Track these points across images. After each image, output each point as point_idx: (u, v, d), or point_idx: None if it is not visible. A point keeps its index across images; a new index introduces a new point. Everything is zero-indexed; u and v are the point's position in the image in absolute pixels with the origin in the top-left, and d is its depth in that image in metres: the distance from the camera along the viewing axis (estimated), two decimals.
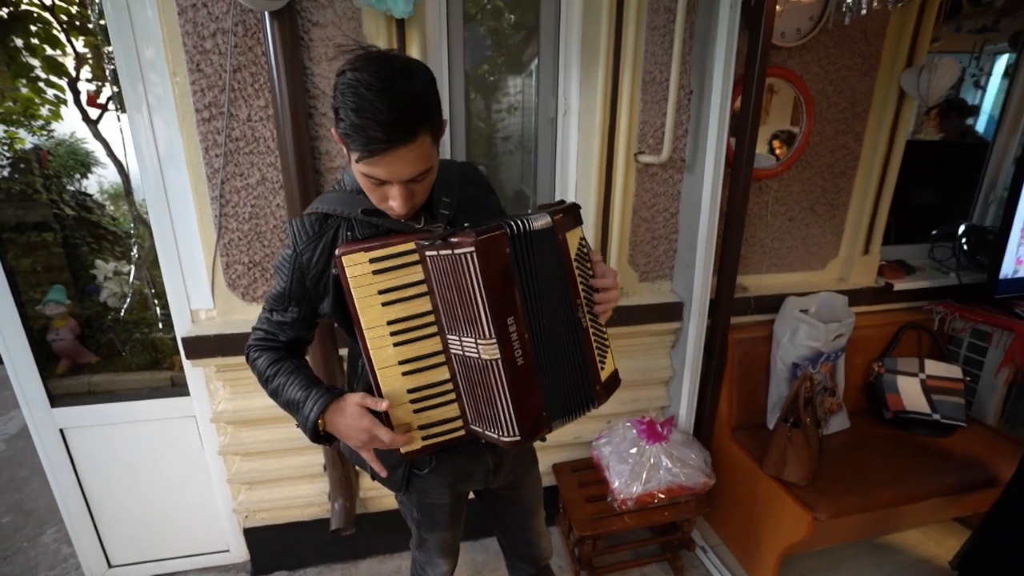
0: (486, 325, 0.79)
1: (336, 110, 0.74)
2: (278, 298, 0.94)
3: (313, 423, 0.87)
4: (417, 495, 1.07)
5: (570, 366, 0.89)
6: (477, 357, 0.82)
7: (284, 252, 0.91)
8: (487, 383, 0.83)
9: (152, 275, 2.26)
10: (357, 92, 0.70)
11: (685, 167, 1.73)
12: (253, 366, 0.97)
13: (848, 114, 1.83)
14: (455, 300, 0.81)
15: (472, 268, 0.77)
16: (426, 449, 0.90)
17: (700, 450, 1.79)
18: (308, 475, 1.73)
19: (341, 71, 0.73)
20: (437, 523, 1.12)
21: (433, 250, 0.81)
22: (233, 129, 1.40)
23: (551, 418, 0.87)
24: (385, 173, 0.77)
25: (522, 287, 0.81)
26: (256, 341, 0.98)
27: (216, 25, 1.32)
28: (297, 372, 0.93)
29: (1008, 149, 2.23)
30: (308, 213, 0.90)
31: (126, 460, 1.74)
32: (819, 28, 1.65)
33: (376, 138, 0.71)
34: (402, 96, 0.71)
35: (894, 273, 2.04)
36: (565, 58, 1.65)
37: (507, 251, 0.78)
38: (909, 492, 1.61)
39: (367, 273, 0.81)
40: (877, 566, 1.84)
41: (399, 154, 0.74)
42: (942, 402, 1.87)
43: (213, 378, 1.62)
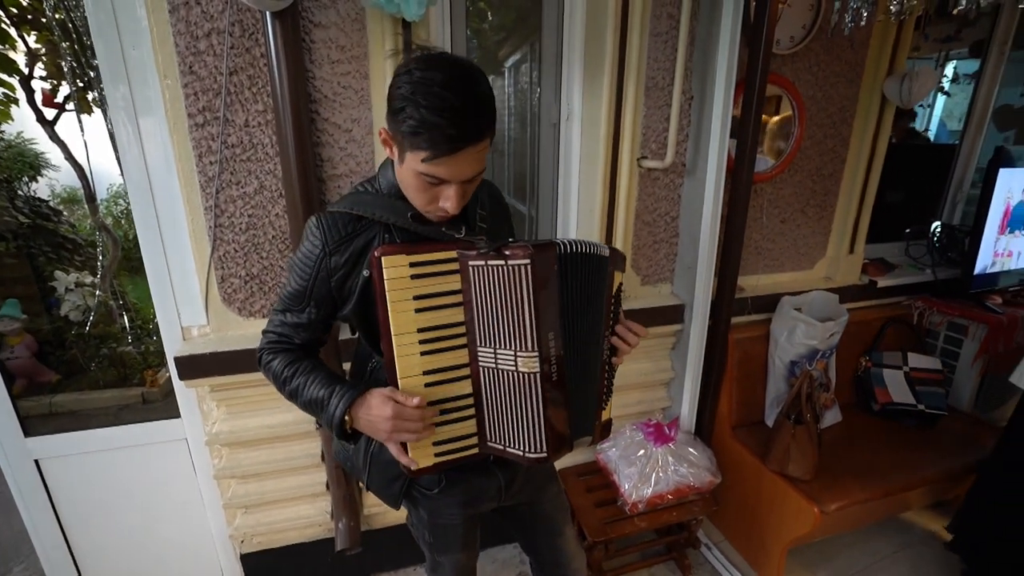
0: (531, 338, 0.80)
1: (401, 108, 0.72)
2: (295, 297, 0.89)
3: (340, 419, 0.84)
4: (428, 516, 1.03)
5: (587, 393, 0.92)
6: (513, 370, 0.82)
7: (306, 249, 0.86)
8: (519, 397, 0.83)
9: (119, 286, 2.14)
10: (431, 90, 0.69)
11: (686, 171, 1.74)
12: (267, 370, 0.93)
13: (836, 119, 1.89)
14: (497, 312, 0.82)
15: (525, 281, 0.78)
16: (437, 467, 0.87)
17: (704, 449, 1.81)
18: (309, 495, 1.66)
19: (407, 69, 0.72)
20: (450, 545, 1.08)
21: (480, 260, 0.81)
22: (229, 135, 1.32)
23: (574, 436, 0.89)
24: (448, 172, 0.76)
25: (563, 307, 0.83)
26: (269, 344, 0.94)
27: (211, 25, 1.24)
28: (316, 371, 0.90)
29: (973, 151, 2.37)
30: (341, 212, 0.86)
31: (110, 490, 1.62)
32: (811, 36, 1.70)
33: (450, 136, 0.71)
34: (474, 97, 0.72)
35: (876, 271, 2.14)
36: (568, 64, 1.64)
37: (555, 268, 0.81)
38: (905, 480, 1.68)
39: (405, 277, 0.80)
40: (873, 551, 1.92)
41: (467, 153, 0.74)
42: (925, 393, 1.97)
43: (207, 398, 1.53)
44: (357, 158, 1.43)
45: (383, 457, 0.96)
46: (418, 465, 0.85)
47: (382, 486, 0.99)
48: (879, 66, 1.86)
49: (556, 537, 1.19)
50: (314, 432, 1.59)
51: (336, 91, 1.36)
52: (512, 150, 2.15)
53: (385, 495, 1.00)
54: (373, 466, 0.98)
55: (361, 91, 1.37)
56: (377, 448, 0.96)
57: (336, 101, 1.36)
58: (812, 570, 1.84)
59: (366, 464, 0.98)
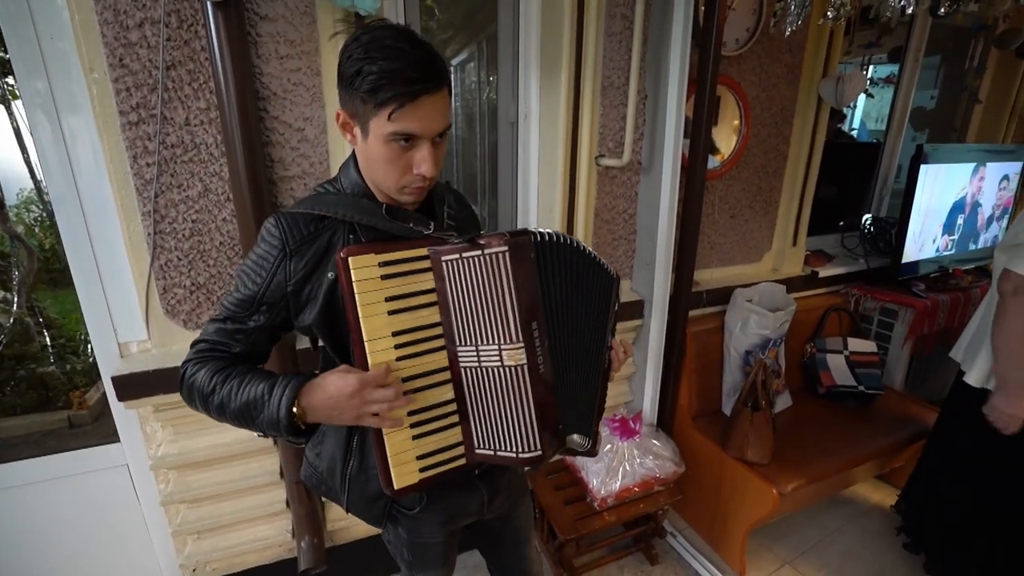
0: (514, 328, 0.77)
1: (357, 71, 0.71)
2: (243, 303, 0.81)
3: (288, 406, 0.74)
4: (408, 535, 0.99)
5: (581, 392, 0.90)
6: (498, 366, 0.79)
7: (262, 251, 0.80)
8: (507, 394, 0.80)
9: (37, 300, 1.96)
10: (384, 44, 0.70)
11: (642, 169, 1.78)
12: (189, 385, 0.79)
13: (778, 118, 1.99)
14: (476, 306, 0.79)
15: (504, 269, 0.75)
16: (422, 483, 0.82)
17: (667, 441, 1.86)
18: (268, 514, 1.57)
19: (354, 37, 0.73)
20: (430, 563, 1.04)
21: (454, 253, 0.78)
22: (168, 134, 1.22)
23: (568, 430, 0.86)
24: (417, 124, 0.74)
25: (544, 295, 0.81)
26: (198, 355, 0.81)
27: (143, 14, 1.14)
28: (252, 372, 0.79)
29: (895, 149, 2.56)
30: (301, 212, 0.80)
31: (42, 527, 1.47)
32: (754, 39, 1.78)
33: (413, 78, 0.71)
34: (427, 47, 0.74)
35: (817, 261, 2.27)
36: (524, 63, 1.63)
37: (532, 256, 0.79)
38: (851, 457, 1.80)
39: (375, 278, 0.75)
40: (822, 526, 2.03)
41: (433, 100, 0.74)
42: (864, 374, 2.10)
43: (150, 419, 1.41)
44: (311, 158, 1.36)
45: (362, 476, 0.90)
46: (403, 484, 0.80)
47: (363, 507, 0.94)
48: (815, 69, 1.97)
49: (523, 547, 1.19)
50: (271, 448, 1.50)
51: (286, 88, 1.29)
52: (461, 150, 2.13)
53: (367, 515, 0.95)
54: (352, 486, 0.91)
55: (313, 88, 1.31)
56: (356, 467, 0.90)
57: (286, 98, 1.29)
58: (769, 548, 1.93)
59: (344, 486, 0.92)
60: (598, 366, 0.93)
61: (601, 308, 0.92)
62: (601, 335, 0.93)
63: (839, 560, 1.88)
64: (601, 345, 0.93)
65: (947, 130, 2.79)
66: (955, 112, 2.73)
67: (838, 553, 1.91)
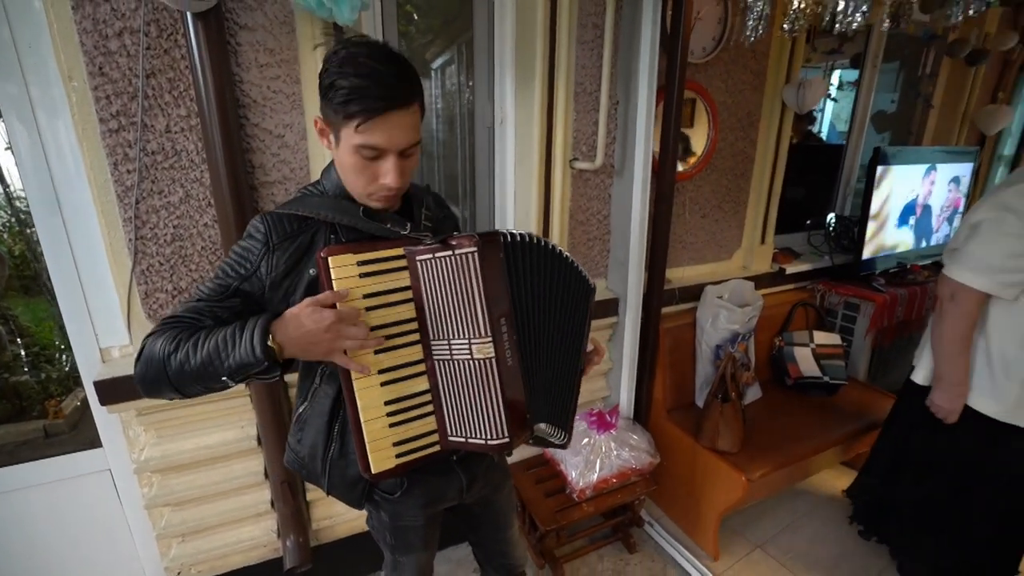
0: (482, 323, 0.82)
1: (331, 84, 0.76)
2: (220, 289, 0.83)
3: (262, 339, 0.73)
4: (390, 519, 1.04)
5: (562, 383, 0.97)
6: (468, 358, 0.85)
7: (247, 244, 0.84)
8: (476, 385, 0.85)
9: (8, 308, 1.94)
10: (357, 61, 0.76)
11: (615, 172, 1.85)
12: (149, 354, 0.77)
13: (744, 122, 2.08)
14: (448, 303, 0.84)
15: (473, 268, 0.81)
16: (399, 468, 0.87)
17: (643, 433, 1.93)
18: (253, 515, 1.59)
19: (334, 51, 0.78)
20: (412, 546, 1.10)
21: (427, 254, 0.83)
22: (148, 141, 1.24)
23: (535, 419, 0.91)
24: (383, 138, 0.78)
25: (513, 292, 0.86)
26: (162, 326, 0.79)
27: (122, 24, 1.16)
28: (216, 327, 0.78)
29: (857, 150, 2.68)
30: (286, 212, 0.86)
31: (23, 534, 1.47)
32: (720, 47, 1.86)
33: (379, 95, 0.76)
34: (399, 65, 0.78)
35: (785, 259, 2.37)
36: (500, 70, 1.68)
37: (502, 256, 0.85)
38: (815, 444, 1.89)
39: (353, 276, 0.80)
40: (791, 510, 2.13)
41: (399, 116, 0.78)
42: (828, 366, 2.21)
43: (132, 423, 1.42)
44: (291, 164, 1.39)
45: (342, 461, 0.95)
46: (380, 468, 0.84)
47: (344, 490, 0.98)
48: (778, 75, 2.06)
49: (506, 531, 1.24)
50: (256, 449, 1.53)
51: (266, 96, 1.31)
52: (442, 152, 2.16)
53: (348, 497, 0.99)
54: (333, 470, 0.96)
55: (293, 95, 1.34)
56: (336, 452, 0.95)
57: (266, 106, 1.32)
58: (742, 533, 2.01)
59: (325, 469, 0.96)
60: (571, 361, 0.98)
61: (573, 306, 0.97)
62: (574, 331, 0.98)
63: (807, 543, 1.98)
64: (575, 341, 0.98)
65: (906, 133, 2.93)
66: (912, 116, 2.87)
67: (806, 536, 2.01)
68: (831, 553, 1.93)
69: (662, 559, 1.91)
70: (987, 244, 1.31)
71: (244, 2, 1.24)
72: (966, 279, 1.33)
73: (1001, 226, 1.28)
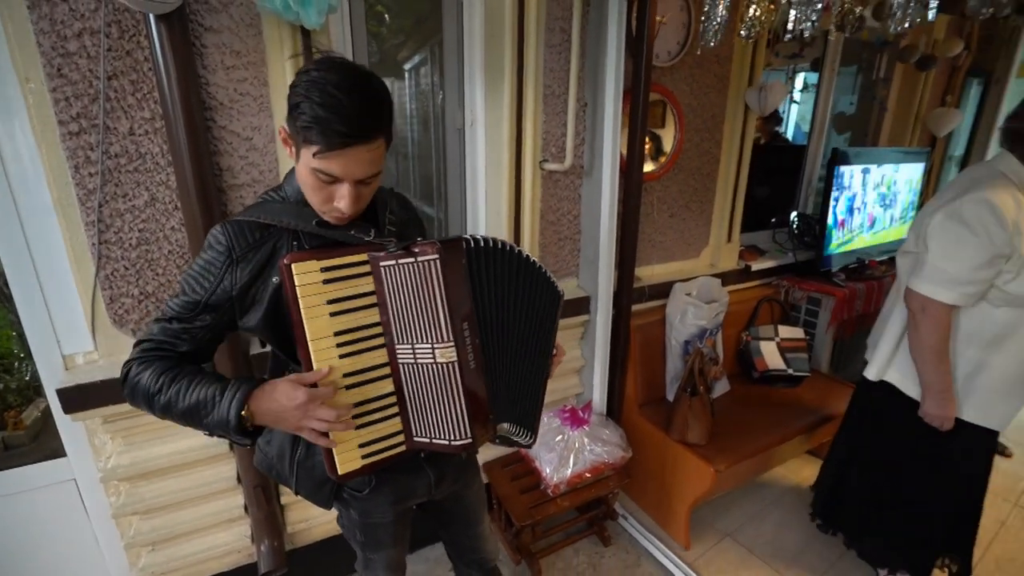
0: (445, 329, 0.84)
1: (296, 105, 0.76)
2: (188, 305, 0.84)
3: (238, 410, 0.78)
4: (359, 516, 1.05)
5: (526, 385, 0.99)
6: (431, 362, 0.86)
7: (209, 256, 0.84)
8: (440, 388, 0.87)
9: None
10: (324, 89, 0.74)
11: (584, 172, 1.88)
12: (133, 384, 0.82)
13: (709, 124, 2.14)
14: (412, 308, 0.85)
15: (435, 274, 0.82)
16: (365, 468, 0.88)
17: (615, 428, 1.97)
18: (226, 520, 1.58)
19: (305, 70, 0.77)
20: (382, 542, 1.11)
21: (391, 259, 0.84)
22: (111, 144, 1.22)
23: (498, 419, 0.93)
24: (339, 169, 0.78)
25: (475, 297, 0.88)
26: (143, 353, 0.83)
27: (82, 24, 1.14)
28: (202, 374, 0.83)
29: (818, 151, 2.78)
30: (247, 220, 0.85)
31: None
32: (684, 51, 1.92)
33: (339, 131, 0.74)
34: (366, 98, 0.76)
35: (751, 256, 2.45)
36: (469, 73, 1.70)
37: (464, 262, 0.86)
38: (780, 435, 1.96)
39: (317, 282, 0.81)
40: (758, 500, 2.20)
41: (357, 151, 0.77)
42: (793, 359, 2.29)
43: (98, 431, 1.40)
44: (260, 167, 1.38)
45: (309, 462, 0.96)
46: (347, 468, 0.86)
47: (312, 490, 0.99)
48: (741, 78, 2.13)
49: (475, 526, 1.26)
50: (227, 454, 1.51)
51: (233, 98, 1.31)
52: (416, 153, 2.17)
53: (316, 497, 1.00)
54: (300, 471, 0.97)
55: (261, 98, 1.34)
56: (303, 453, 0.96)
57: (233, 108, 1.31)
58: (712, 524, 2.07)
59: (292, 470, 0.97)
60: (536, 364, 1.00)
61: (539, 311, 0.99)
62: (540, 336, 1.00)
63: (773, 530, 2.05)
64: (540, 344, 1.00)
65: (864, 134, 3.05)
66: (869, 118, 2.99)
67: (772, 525, 2.08)
68: (795, 540, 2.00)
69: (635, 551, 1.96)
70: (949, 259, 1.33)
71: (209, 4, 1.23)
72: (934, 293, 1.35)
73: (960, 240, 1.31)
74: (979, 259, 1.30)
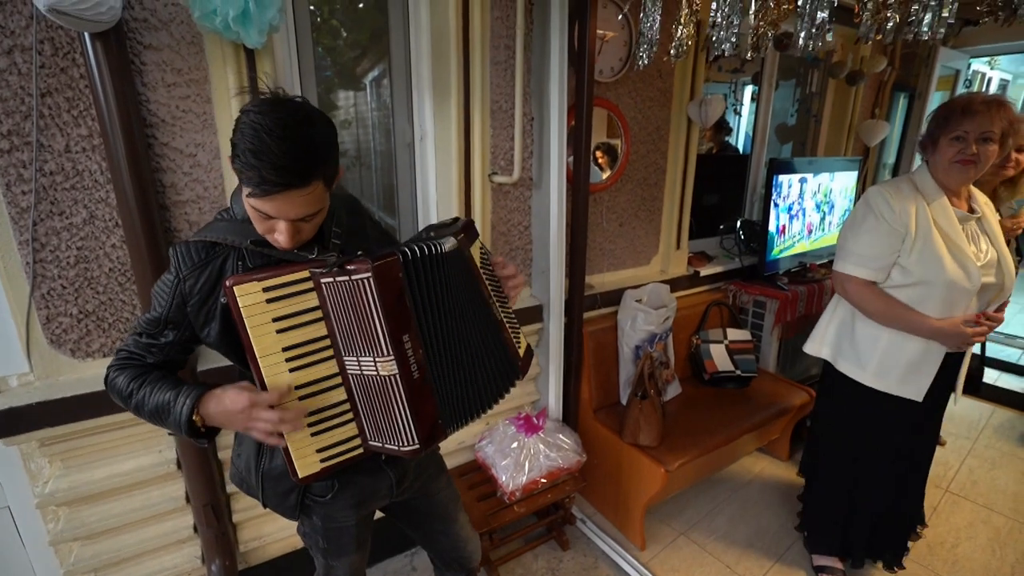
0: (384, 344, 0.85)
1: (235, 144, 0.77)
2: (152, 322, 0.92)
3: (188, 414, 0.86)
4: (322, 521, 1.06)
5: (484, 362, 0.99)
6: (375, 375, 0.88)
7: (165, 277, 0.90)
8: (386, 398, 0.89)
9: None
10: (257, 135, 0.74)
11: (533, 184, 1.94)
12: (112, 387, 0.93)
13: (655, 136, 2.24)
14: (352, 323, 0.87)
15: (370, 292, 0.83)
16: (325, 471, 0.92)
17: (570, 433, 2.02)
18: (175, 542, 1.54)
19: (245, 110, 0.77)
20: (344, 547, 1.12)
21: (329, 277, 0.85)
22: (46, 162, 1.21)
23: (446, 425, 0.95)
24: (273, 210, 0.80)
25: (416, 307, 0.88)
26: (118, 361, 0.93)
27: (12, 41, 1.13)
28: (165, 379, 0.91)
29: (760, 159, 2.92)
30: (194, 240, 0.89)
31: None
32: (626, 68, 2.00)
33: (269, 179, 0.75)
34: (299, 145, 0.76)
35: (699, 262, 2.54)
36: (417, 89, 1.74)
37: (400, 275, 0.86)
38: (729, 434, 2.04)
39: (260, 302, 0.83)
40: (712, 498, 2.28)
41: (290, 196, 0.78)
42: (741, 360, 2.39)
43: (35, 455, 1.36)
44: (204, 183, 1.38)
45: (273, 473, 0.99)
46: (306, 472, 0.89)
47: (278, 501, 1.02)
48: (683, 92, 2.24)
49: (451, 524, 1.27)
50: (176, 473, 1.49)
51: (175, 115, 1.31)
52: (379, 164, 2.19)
53: (282, 509, 1.03)
54: (266, 482, 1.00)
55: (204, 115, 1.34)
56: (267, 463, 0.99)
57: (176, 125, 1.32)
58: (667, 523, 2.13)
59: (258, 482, 1.00)
60: (493, 331, 0.99)
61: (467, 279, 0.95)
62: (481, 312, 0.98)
63: (726, 526, 2.12)
64: (489, 314, 0.98)
65: (802, 144, 3.22)
66: (807, 129, 3.16)
67: (725, 519, 2.16)
68: (747, 533, 2.08)
69: (593, 553, 2.00)
70: (856, 238, 1.53)
71: (148, 23, 1.24)
72: (851, 271, 1.54)
73: (863, 219, 1.51)
74: (875, 231, 1.48)
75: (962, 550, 2.00)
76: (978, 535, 2.07)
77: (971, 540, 2.05)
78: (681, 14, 1.42)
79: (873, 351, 1.56)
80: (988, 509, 2.21)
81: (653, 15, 1.38)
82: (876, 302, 1.52)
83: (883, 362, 1.55)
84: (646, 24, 1.47)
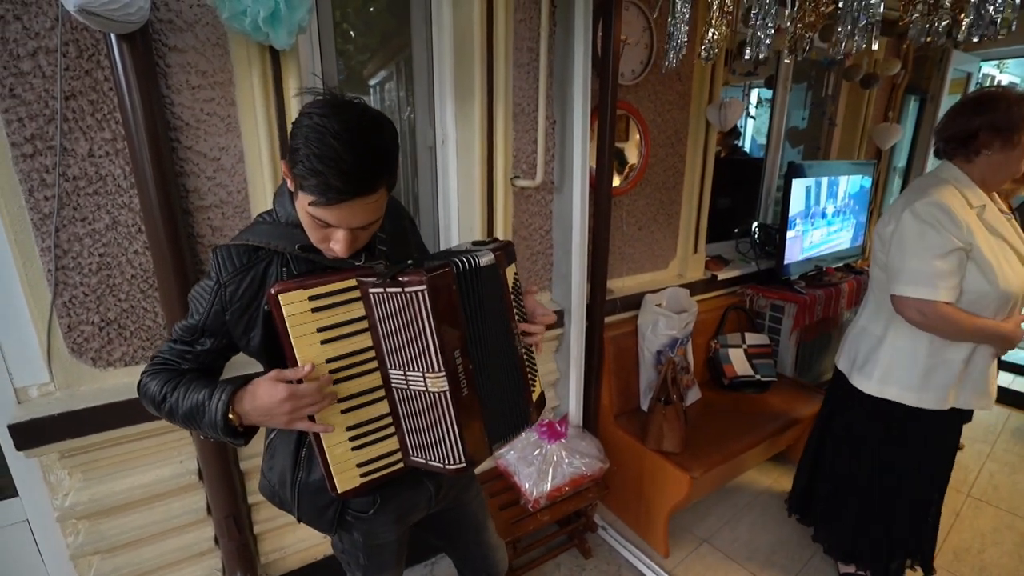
0: (435, 360, 0.82)
1: (296, 149, 0.73)
2: (188, 329, 0.88)
3: (224, 411, 0.81)
4: (364, 538, 1.03)
5: (507, 392, 0.96)
6: (424, 390, 0.85)
7: (204, 283, 0.87)
8: (433, 414, 0.86)
9: None
10: (323, 139, 0.70)
11: (555, 188, 1.92)
12: (144, 393, 0.88)
13: (673, 140, 2.22)
14: (401, 336, 0.84)
15: (423, 306, 0.80)
16: (364, 486, 0.89)
17: (592, 440, 1.99)
18: (196, 554, 1.51)
19: (308, 112, 0.73)
20: (386, 563, 1.10)
21: (379, 288, 0.82)
22: (69, 166, 1.18)
23: (492, 442, 0.93)
24: (335, 219, 0.77)
25: (467, 322, 0.86)
26: (152, 367, 0.90)
27: (36, 43, 1.10)
28: (196, 380, 0.86)
29: (775, 163, 2.91)
30: (236, 244, 0.85)
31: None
32: (647, 70, 1.99)
33: (336, 187, 0.72)
34: (369, 150, 0.73)
35: (716, 266, 2.52)
36: (439, 92, 1.72)
37: (454, 288, 0.83)
38: (750, 440, 2.02)
39: (306, 311, 0.80)
40: (732, 504, 2.25)
41: (354, 204, 0.75)
42: (760, 364, 2.37)
43: (55, 467, 1.32)
44: (228, 187, 1.35)
45: (311, 487, 0.95)
46: (346, 487, 0.87)
47: (314, 516, 0.98)
48: (702, 95, 2.22)
49: (481, 532, 1.25)
50: (197, 484, 1.45)
51: (199, 118, 1.28)
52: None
53: (319, 523, 0.99)
54: (302, 496, 0.96)
55: (228, 118, 1.31)
56: (304, 477, 0.95)
57: (200, 128, 1.29)
58: (690, 530, 2.11)
59: (294, 496, 0.96)
60: (514, 355, 0.96)
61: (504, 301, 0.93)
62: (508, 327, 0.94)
63: (748, 533, 2.10)
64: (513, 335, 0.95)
65: (815, 147, 3.21)
66: (820, 132, 3.15)
67: (747, 527, 2.13)
68: (769, 541, 2.05)
69: (616, 561, 1.97)
70: (918, 257, 1.38)
71: (173, 24, 1.21)
72: (925, 294, 1.38)
73: (923, 235, 1.37)
74: (942, 249, 1.35)
75: (988, 556, 1.97)
76: (1004, 540, 2.05)
77: (997, 546, 2.02)
78: (712, 16, 1.39)
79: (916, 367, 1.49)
80: (1012, 514, 2.19)
81: (683, 16, 1.36)
82: (963, 322, 1.37)
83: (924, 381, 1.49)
84: (674, 25, 1.45)
